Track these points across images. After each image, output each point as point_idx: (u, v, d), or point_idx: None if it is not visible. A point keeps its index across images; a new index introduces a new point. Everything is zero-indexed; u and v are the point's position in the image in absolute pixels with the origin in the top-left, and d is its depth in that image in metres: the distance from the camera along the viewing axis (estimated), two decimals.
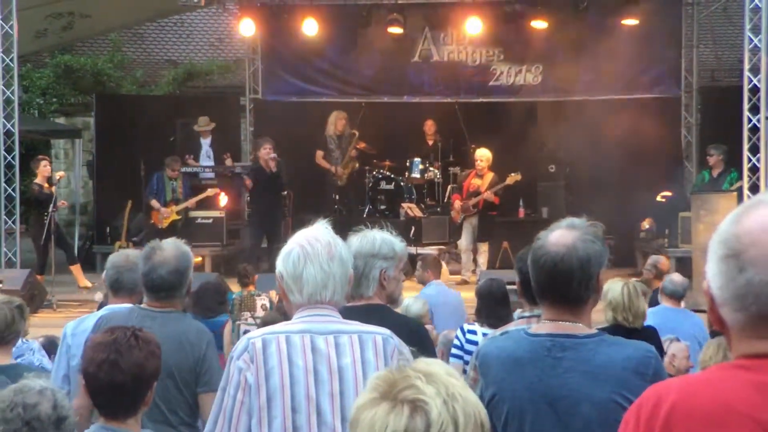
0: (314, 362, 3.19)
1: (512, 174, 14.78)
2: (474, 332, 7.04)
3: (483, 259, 14.69)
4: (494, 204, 14.93)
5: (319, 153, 16.43)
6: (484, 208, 14.92)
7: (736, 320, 1.85)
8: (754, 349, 1.84)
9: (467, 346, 7.01)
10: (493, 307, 7.08)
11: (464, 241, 15.06)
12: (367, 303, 3.98)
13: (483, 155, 14.94)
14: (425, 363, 1.78)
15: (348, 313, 3.43)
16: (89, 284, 14.41)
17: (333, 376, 3.18)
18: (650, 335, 6.04)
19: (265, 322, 7.82)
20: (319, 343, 3.21)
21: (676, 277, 8.44)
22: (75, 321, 4.97)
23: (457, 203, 15.12)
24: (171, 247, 4.47)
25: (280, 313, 6.52)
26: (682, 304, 8.43)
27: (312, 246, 3.26)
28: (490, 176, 14.90)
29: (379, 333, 3.26)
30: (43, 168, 14.36)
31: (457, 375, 1.78)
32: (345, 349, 3.20)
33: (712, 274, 1.87)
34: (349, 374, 3.18)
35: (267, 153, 14.45)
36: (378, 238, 4.04)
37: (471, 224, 15.01)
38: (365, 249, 3.99)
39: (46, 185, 14.26)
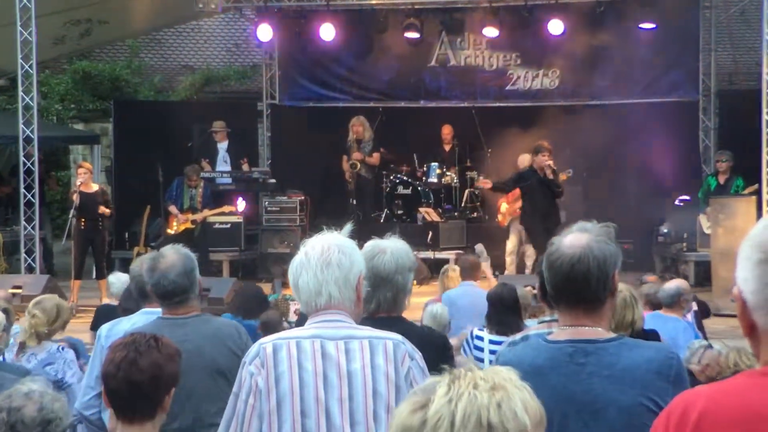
0: (324, 367, 3.21)
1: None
2: (481, 338, 6.99)
3: (530, 261, 14.56)
4: None
5: (345, 158, 16.46)
6: None
7: None
8: None
9: (475, 352, 6.98)
10: (500, 314, 7.02)
11: (510, 244, 14.99)
12: (388, 315, 3.92)
13: (526, 159, 14.93)
14: (469, 368, 1.84)
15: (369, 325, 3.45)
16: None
17: (342, 381, 3.20)
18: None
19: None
20: (329, 348, 3.23)
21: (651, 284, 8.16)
22: (110, 323, 5.00)
23: (504, 206, 15.10)
24: (172, 251, 4.48)
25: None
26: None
27: (308, 254, 3.29)
28: None
29: (390, 338, 3.27)
30: (78, 176, 14.24)
31: (495, 377, 1.81)
32: (355, 354, 3.22)
33: (745, 278, 1.87)
34: (358, 379, 3.20)
35: (543, 160, 13.69)
36: (406, 247, 4.01)
37: (517, 227, 14.99)
38: (406, 263, 3.94)
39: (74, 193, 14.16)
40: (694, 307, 8.86)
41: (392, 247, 3.93)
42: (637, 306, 6.01)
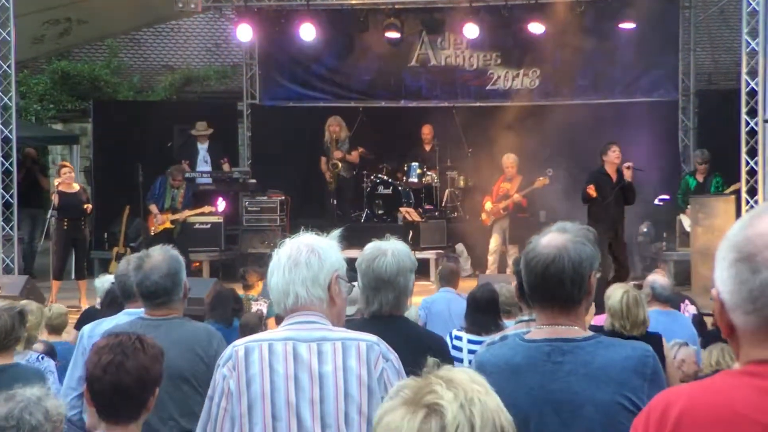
0: (295, 369, 3.19)
1: (540, 178, 14.93)
2: (460, 338, 7.00)
3: (512, 260, 14.58)
4: (523, 206, 15.06)
5: (323, 159, 16.47)
6: (514, 211, 15.11)
7: (748, 324, 1.85)
8: (763, 355, 1.84)
9: (454, 352, 6.98)
10: (477, 314, 7.01)
11: (493, 243, 15.16)
12: (390, 314, 3.94)
13: (510, 159, 15.06)
14: (447, 370, 1.78)
15: (365, 326, 3.45)
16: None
17: (314, 384, 3.18)
18: (653, 343, 5.96)
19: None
20: (301, 351, 3.21)
21: (663, 280, 8.13)
22: (92, 324, 4.97)
23: (488, 205, 15.24)
24: (160, 252, 4.47)
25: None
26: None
27: (279, 256, 3.29)
28: (518, 179, 15.10)
29: (363, 339, 3.25)
30: (61, 175, 14.13)
31: (480, 381, 1.77)
32: (327, 356, 3.20)
33: (722, 279, 1.88)
34: (329, 381, 3.18)
35: (616, 156, 12.40)
36: (406, 249, 3.99)
37: (501, 227, 15.17)
38: (407, 264, 3.94)
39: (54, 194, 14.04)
40: (694, 310, 8.84)
41: (393, 249, 3.93)
42: (646, 306, 6.17)
